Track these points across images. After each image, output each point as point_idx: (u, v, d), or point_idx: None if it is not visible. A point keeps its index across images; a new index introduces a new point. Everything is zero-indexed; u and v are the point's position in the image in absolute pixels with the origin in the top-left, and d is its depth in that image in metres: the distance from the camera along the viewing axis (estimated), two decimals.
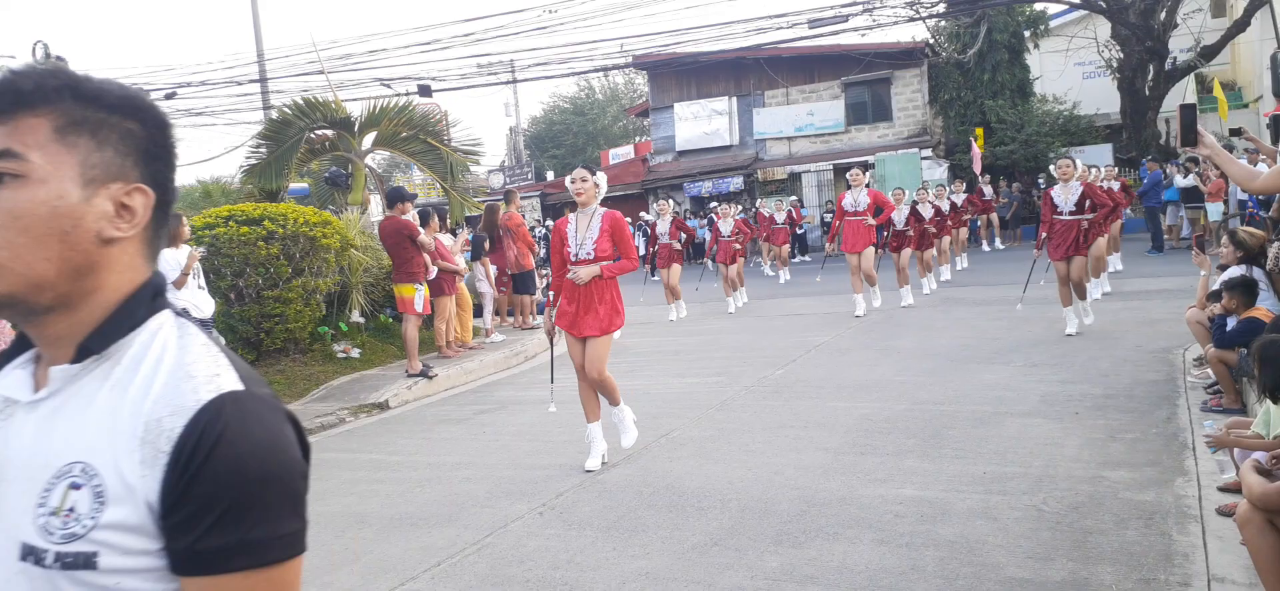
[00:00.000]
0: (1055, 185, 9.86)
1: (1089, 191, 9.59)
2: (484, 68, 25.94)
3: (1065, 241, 9.48)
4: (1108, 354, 8.59)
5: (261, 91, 21.83)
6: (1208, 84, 25.76)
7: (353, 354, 11.07)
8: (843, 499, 5.22)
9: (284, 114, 14.67)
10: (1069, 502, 4.89)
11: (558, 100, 49.29)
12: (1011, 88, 26.81)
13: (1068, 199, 9.59)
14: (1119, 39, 25.14)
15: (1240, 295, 6.31)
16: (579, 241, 6.25)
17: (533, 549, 4.94)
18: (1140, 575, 3.97)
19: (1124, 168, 24.48)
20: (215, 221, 10.27)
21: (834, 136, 29.87)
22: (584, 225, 6.24)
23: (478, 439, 7.74)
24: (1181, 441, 5.81)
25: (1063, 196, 9.64)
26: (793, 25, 23.48)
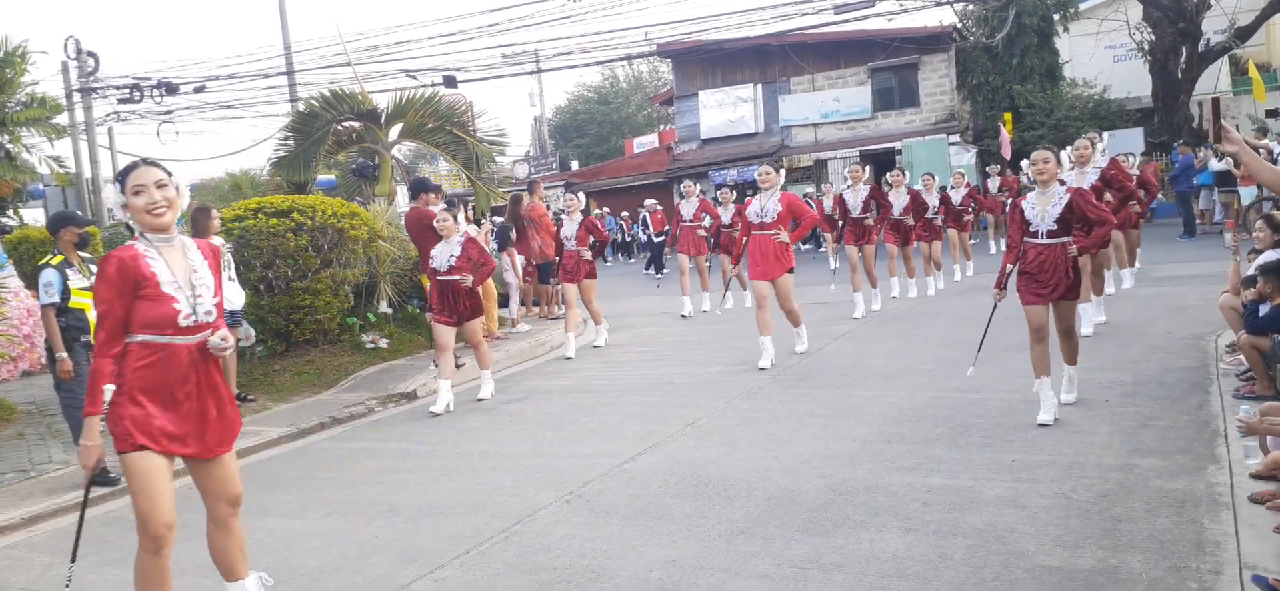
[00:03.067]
0: (1029, 193, 6.71)
1: (1077, 200, 6.40)
2: (508, 58, 25.96)
3: (1045, 278, 6.35)
4: (1138, 340, 8.49)
5: (289, 84, 22.02)
6: (1242, 66, 25.34)
7: (381, 344, 11.16)
8: (870, 487, 5.21)
9: (311, 106, 14.78)
10: (1099, 490, 4.85)
11: (582, 89, 49.32)
12: (1041, 72, 26.49)
13: (1046, 214, 6.41)
14: (1151, 21, 24.76)
15: (1275, 280, 6.21)
16: None
17: (560, 537, 4.97)
18: (1171, 563, 3.94)
19: (1156, 152, 24.16)
20: (244, 214, 10.38)
21: (860, 123, 29.67)
22: None
23: (504, 428, 7.78)
24: (1213, 428, 5.74)
25: (1039, 208, 6.45)
26: (818, 11, 23.30)
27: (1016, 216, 6.59)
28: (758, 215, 9.16)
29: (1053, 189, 6.43)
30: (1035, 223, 6.44)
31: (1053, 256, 6.32)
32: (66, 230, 7.09)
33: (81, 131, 22.31)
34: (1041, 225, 6.42)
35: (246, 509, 6.14)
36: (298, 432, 8.18)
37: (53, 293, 6.74)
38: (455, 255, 8.57)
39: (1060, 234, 6.37)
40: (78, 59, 22.17)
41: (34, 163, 18.74)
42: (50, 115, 18.07)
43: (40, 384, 10.52)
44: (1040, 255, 6.37)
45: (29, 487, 6.87)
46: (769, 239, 9.04)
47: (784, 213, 9.05)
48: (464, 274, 8.49)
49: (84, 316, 6.78)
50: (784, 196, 9.19)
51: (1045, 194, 6.44)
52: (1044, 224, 6.41)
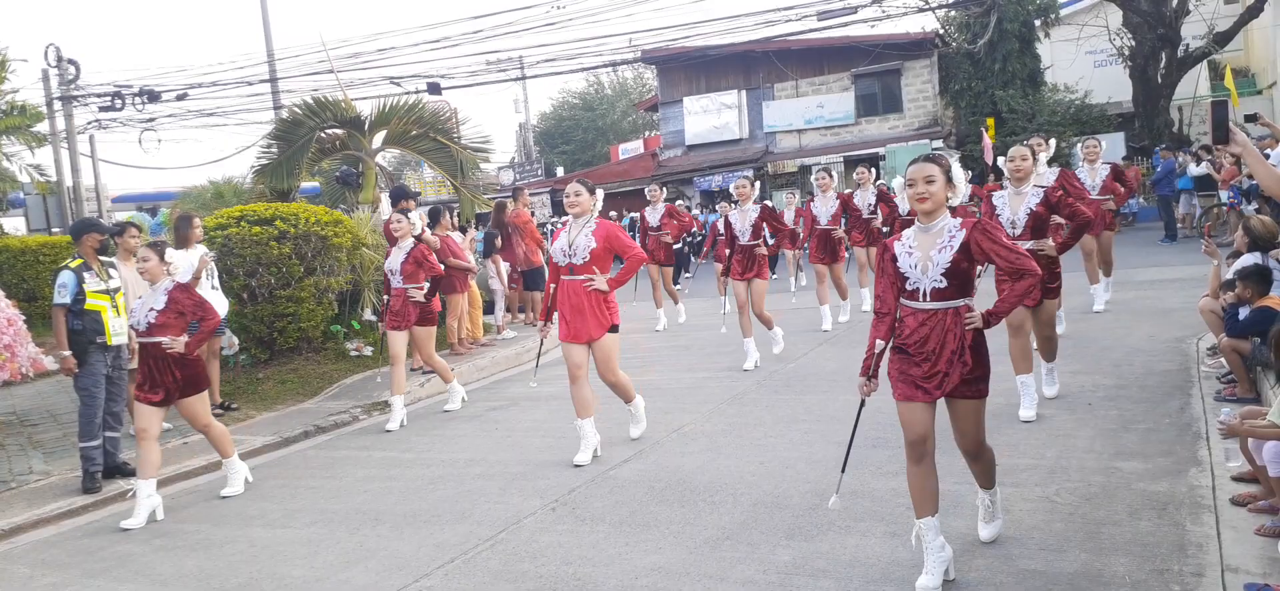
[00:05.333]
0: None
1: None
2: (493, 64, 25.98)
3: None
4: (1120, 344, 8.55)
5: (272, 91, 21.92)
6: (1220, 70, 25.58)
7: (365, 352, 11.11)
8: (855, 492, 5.22)
9: (294, 114, 14.73)
10: (1081, 494, 4.88)
11: (567, 96, 49.31)
12: (1022, 77, 26.67)
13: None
14: (1131, 26, 24.98)
15: (1254, 284, 6.27)
16: None
17: (545, 545, 4.96)
18: (1154, 566, 3.97)
19: (1137, 156, 24.35)
20: (227, 222, 10.33)
21: (844, 128, 29.78)
22: None
23: (490, 435, 7.76)
24: (1195, 431, 5.78)
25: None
26: (801, 17, 23.42)
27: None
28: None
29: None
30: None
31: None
32: (89, 235, 7.33)
33: (62, 139, 22.14)
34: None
35: (229, 518, 6.12)
36: (281, 441, 8.14)
37: (65, 294, 6.92)
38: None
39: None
40: (58, 67, 22.01)
41: (14, 171, 18.61)
42: (30, 123, 17.94)
43: (21, 393, 10.43)
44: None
45: (9, 498, 6.81)
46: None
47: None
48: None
49: (100, 319, 6.98)
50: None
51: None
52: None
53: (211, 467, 7.46)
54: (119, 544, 5.84)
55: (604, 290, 6.47)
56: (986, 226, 3.99)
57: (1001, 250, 3.99)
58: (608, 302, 6.53)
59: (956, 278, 4.00)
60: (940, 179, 4.03)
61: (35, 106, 18.81)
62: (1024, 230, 6.20)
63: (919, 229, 4.12)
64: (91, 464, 6.86)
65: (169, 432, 8.50)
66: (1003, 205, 6.36)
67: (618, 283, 6.50)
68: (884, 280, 4.19)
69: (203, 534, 5.83)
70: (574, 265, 6.51)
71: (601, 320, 6.51)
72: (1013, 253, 3.99)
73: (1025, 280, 3.99)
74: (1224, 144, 4.72)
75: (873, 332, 4.18)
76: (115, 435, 7.17)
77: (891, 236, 4.26)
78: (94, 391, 6.92)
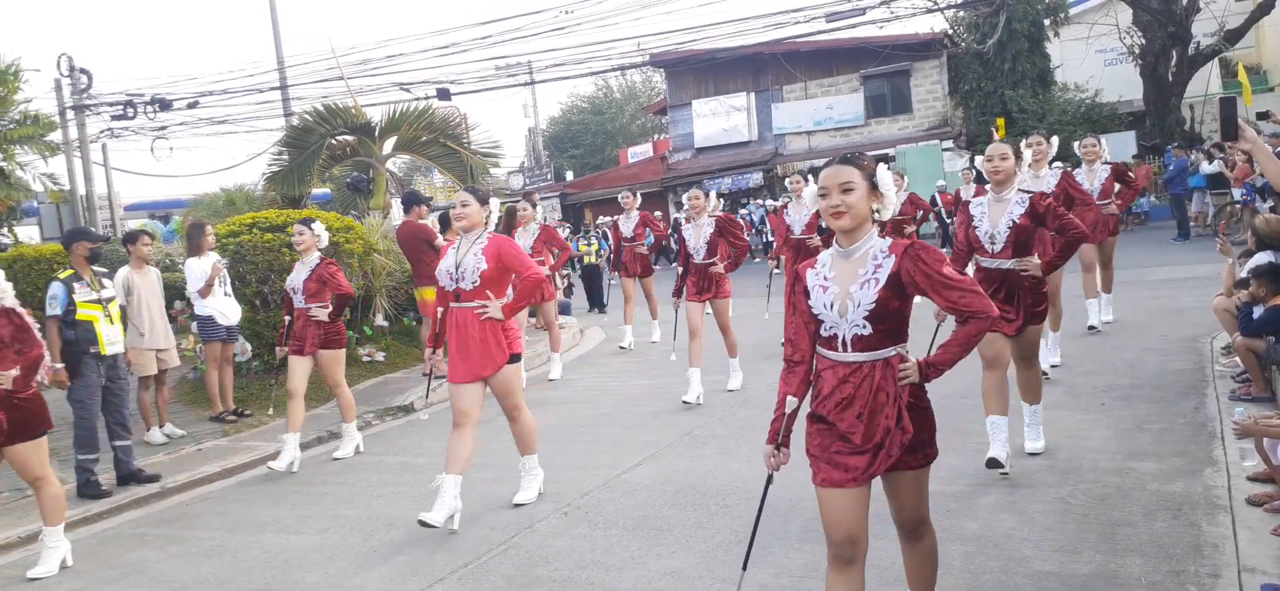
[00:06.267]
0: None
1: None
2: (502, 70, 26.00)
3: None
4: (1134, 343, 8.51)
5: (282, 99, 22.01)
6: (1232, 68, 25.45)
7: (377, 357, 11.15)
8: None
9: (305, 121, 14.80)
10: (1096, 495, 4.86)
11: (576, 100, 49.34)
12: (1032, 77, 26.58)
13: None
14: (1141, 24, 24.89)
15: (1268, 282, 6.23)
16: None
17: (558, 549, 4.96)
18: (1170, 567, 3.95)
19: (1149, 155, 24.24)
20: (239, 229, 10.38)
21: (854, 130, 29.74)
22: None
23: (501, 440, 7.74)
24: (1210, 431, 5.75)
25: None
26: (810, 19, 23.40)
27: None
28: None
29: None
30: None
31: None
32: (79, 244, 7.26)
33: (75, 149, 22.28)
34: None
35: (243, 524, 6.15)
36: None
37: (56, 305, 6.89)
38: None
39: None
40: (71, 76, 22.15)
41: (28, 180, 18.70)
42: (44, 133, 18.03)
43: None
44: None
45: (24, 506, 6.85)
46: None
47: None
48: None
49: (92, 329, 6.92)
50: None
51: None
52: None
53: (225, 474, 7.49)
54: (134, 550, 5.87)
55: (499, 318, 5.49)
56: (923, 251, 3.09)
57: (941, 282, 3.07)
58: (505, 331, 5.54)
59: (885, 320, 3.09)
60: (862, 186, 3.09)
61: (48, 116, 18.89)
62: (1005, 245, 5.27)
63: (837, 254, 3.19)
64: (88, 473, 6.87)
65: (182, 439, 8.55)
66: (981, 215, 5.39)
67: (514, 308, 5.56)
68: (795, 319, 3.27)
69: (217, 540, 5.86)
70: (462, 290, 5.50)
71: (494, 354, 5.49)
72: (956, 288, 3.09)
73: (973, 325, 3.12)
74: (1233, 140, 4.69)
75: (782, 387, 3.29)
76: (127, 443, 7.18)
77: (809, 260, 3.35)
78: (88, 402, 6.89)
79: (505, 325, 5.54)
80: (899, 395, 3.09)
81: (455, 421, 5.57)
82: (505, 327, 5.55)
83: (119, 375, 7.18)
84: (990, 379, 5.36)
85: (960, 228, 5.55)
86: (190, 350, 10.78)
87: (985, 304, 3.10)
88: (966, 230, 5.45)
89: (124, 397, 7.23)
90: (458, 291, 5.53)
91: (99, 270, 7.31)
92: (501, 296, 5.56)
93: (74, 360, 6.84)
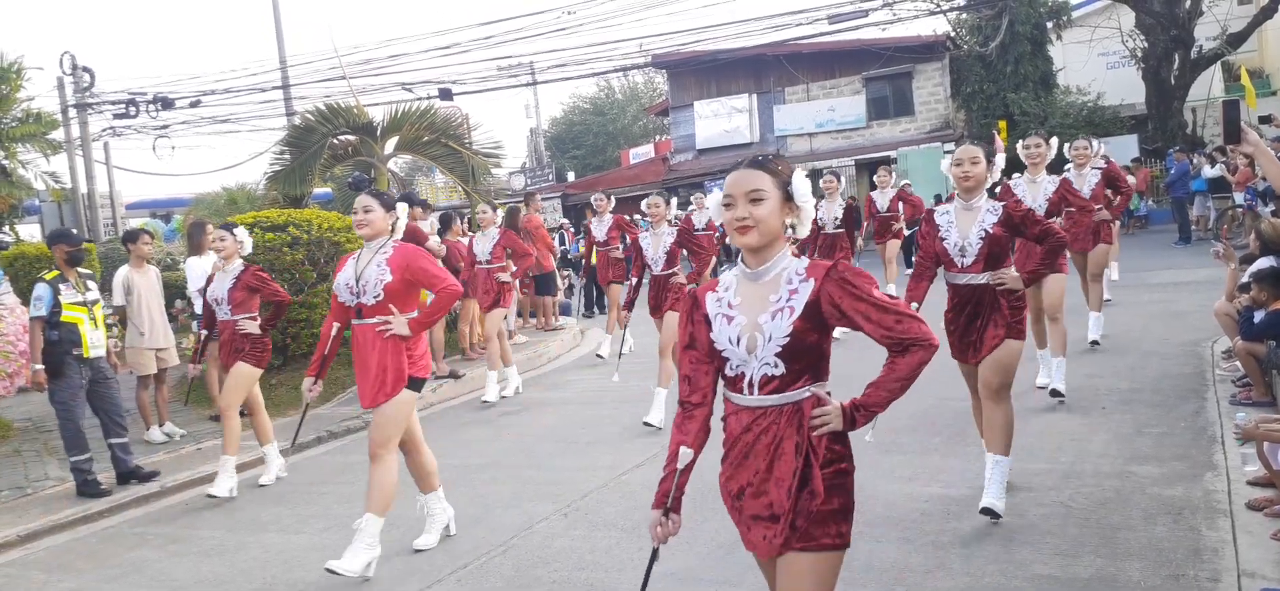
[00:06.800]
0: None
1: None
2: (504, 70, 26.02)
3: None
4: (1134, 347, 8.50)
5: (284, 98, 22.03)
6: (1234, 72, 25.45)
7: None
8: (868, 496, 5.19)
9: (307, 120, 14.83)
10: (1096, 498, 4.86)
11: (577, 101, 49.33)
12: (1034, 80, 26.56)
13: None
14: (1143, 28, 24.88)
15: (1270, 287, 6.22)
16: None
17: (558, 550, 4.96)
18: (1169, 571, 3.94)
19: (1150, 158, 24.23)
20: None
21: (856, 132, 29.73)
22: None
23: (501, 440, 7.78)
24: (1210, 435, 5.75)
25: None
26: (813, 21, 23.45)
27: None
28: None
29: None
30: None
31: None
32: (60, 246, 7.21)
33: (77, 147, 22.30)
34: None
35: (243, 524, 6.15)
36: (295, 447, 8.16)
37: (41, 306, 6.86)
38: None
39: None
40: (73, 74, 22.19)
41: (30, 178, 18.71)
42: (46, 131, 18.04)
43: (37, 400, 10.48)
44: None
45: (25, 504, 6.86)
46: None
47: None
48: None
49: (77, 330, 6.88)
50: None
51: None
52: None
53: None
54: (134, 549, 5.88)
55: (403, 335, 4.86)
56: (847, 273, 2.55)
57: (872, 308, 2.53)
58: (409, 352, 4.91)
59: (801, 356, 2.57)
60: (774, 195, 2.58)
61: (50, 114, 18.91)
62: (977, 258, 4.72)
63: (743, 276, 2.66)
64: (85, 474, 6.87)
65: (183, 438, 8.55)
66: (948, 225, 4.83)
67: (423, 324, 4.95)
68: (694, 354, 2.75)
69: (217, 539, 5.86)
70: (363, 305, 4.89)
71: (390, 378, 4.87)
72: (891, 312, 2.53)
73: (911, 356, 2.56)
74: (1236, 143, 4.69)
75: (675, 436, 2.76)
76: (124, 440, 7.17)
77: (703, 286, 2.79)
78: (71, 404, 6.87)
79: (410, 345, 4.90)
80: (809, 450, 2.54)
81: (372, 454, 5.00)
82: (410, 348, 4.91)
83: (104, 375, 7.15)
84: (977, 410, 5.03)
85: (924, 239, 4.96)
86: (189, 349, 10.78)
87: (925, 330, 2.54)
88: (932, 242, 4.88)
89: (114, 396, 7.20)
90: (359, 307, 4.92)
91: (84, 272, 7.30)
92: (406, 312, 4.93)
93: (56, 361, 6.82)
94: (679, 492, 2.70)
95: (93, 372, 7.03)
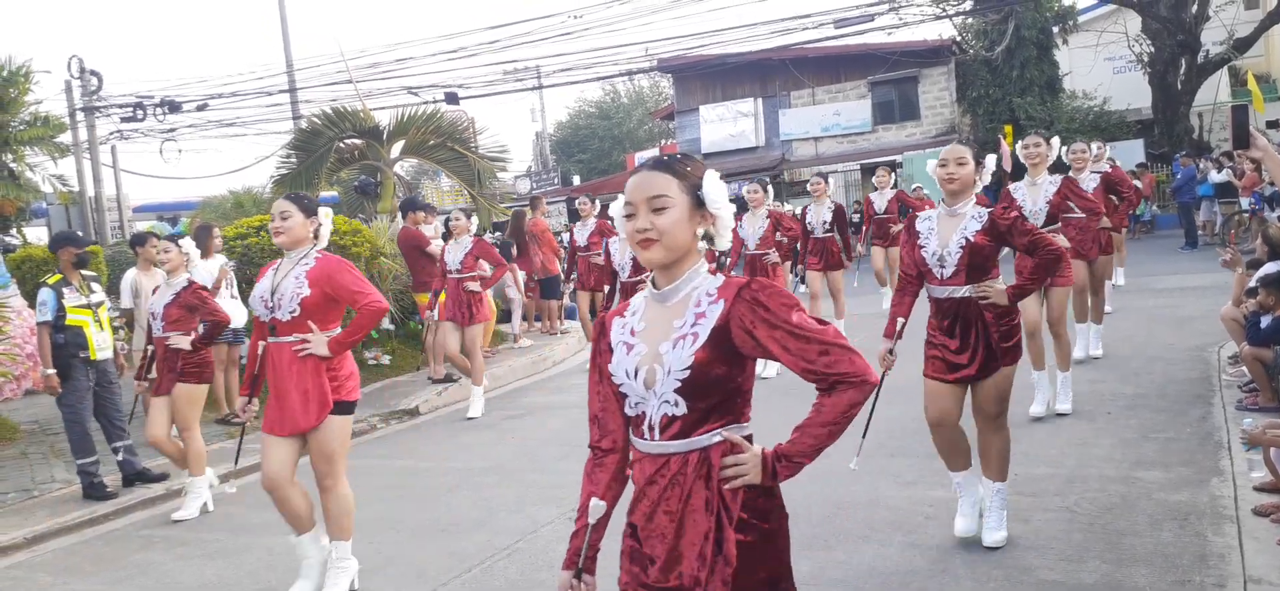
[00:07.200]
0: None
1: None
2: (510, 74, 26.07)
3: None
4: (1140, 352, 8.49)
5: (291, 102, 22.11)
6: (1241, 76, 25.39)
7: (383, 361, 11.18)
8: (871, 501, 5.20)
9: (313, 124, 14.87)
10: (1101, 504, 4.85)
11: (583, 105, 49.43)
12: (1040, 84, 26.53)
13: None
14: (1150, 33, 24.84)
15: (1276, 291, 6.21)
16: None
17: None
18: (1175, 577, 3.94)
19: (1156, 163, 24.19)
20: (247, 232, 10.43)
21: (861, 136, 29.73)
22: None
23: (506, 444, 7.78)
24: (1216, 440, 5.73)
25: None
26: (818, 26, 23.44)
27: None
28: None
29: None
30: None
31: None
32: (65, 250, 7.26)
33: (85, 150, 22.39)
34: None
35: (248, 527, 6.16)
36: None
37: (46, 311, 6.88)
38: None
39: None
40: (81, 78, 22.29)
41: (37, 181, 18.80)
42: (53, 134, 18.13)
43: (44, 402, 10.52)
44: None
45: (31, 507, 6.88)
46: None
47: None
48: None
49: (82, 334, 6.92)
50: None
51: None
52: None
53: (232, 476, 7.49)
54: (140, 551, 5.89)
55: (323, 355, 4.41)
56: (763, 293, 2.15)
57: (791, 335, 2.13)
58: (331, 374, 4.46)
59: (707, 393, 2.16)
60: (681, 202, 2.18)
61: (58, 117, 19.01)
62: (957, 268, 4.30)
63: (651, 298, 2.28)
64: (92, 476, 6.89)
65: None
66: (928, 232, 4.43)
67: (343, 343, 4.48)
68: (602, 390, 2.37)
69: (221, 542, 5.87)
70: (278, 321, 4.44)
71: (313, 402, 4.42)
72: (815, 341, 2.13)
73: (839, 396, 2.17)
74: (1244, 148, 4.68)
75: (585, 486, 2.45)
76: (127, 443, 7.19)
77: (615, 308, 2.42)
78: (78, 407, 6.89)
79: (331, 366, 4.45)
80: (725, 506, 2.16)
81: (266, 487, 4.55)
82: (332, 369, 4.46)
83: (109, 379, 7.17)
84: (938, 440, 4.48)
85: (904, 248, 4.56)
86: None
87: (857, 364, 2.14)
88: (912, 251, 4.45)
89: (116, 400, 7.22)
90: (272, 323, 4.48)
91: (88, 274, 7.33)
92: (332, 328, 4.50)
93: (63, 364, 6.84)
94: (592, 551, 2.40)
95: (98, 375, 7.05)
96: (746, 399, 2.25)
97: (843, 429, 2.20)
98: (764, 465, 2.17)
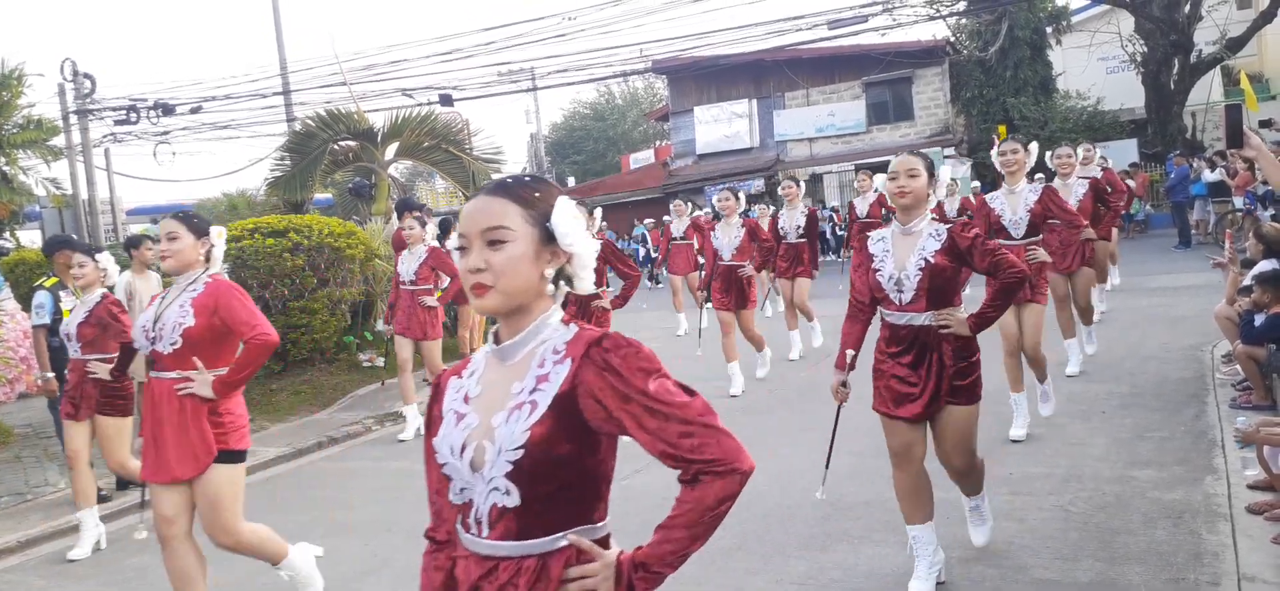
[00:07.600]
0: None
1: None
2: (505, 75, 26.04)
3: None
4: (1134, 352, 8.51)
5: (285, 104, 22.06)
6: (1234, 76, 25.47)
7: (378, 363, 11.16)
8: (868, 502, 5.21)
9: (308, 126, 14.86)
10: (1096, 503, 4.86)
11: (578, 106, 49.48)
12: (1034, 84, 26.61)
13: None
14: (1143, 33, 24.92)
15: (1271, 289, 6.23)
16: None
17: None
18: (1169, 575, 3.95)
19: (1150, 163, 24.26)
20: (241, 234, 10.40)
21: (855, 137, 29.78)
22: None
23: None
24: (1210, 439, 5.75)
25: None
26: (812, 27, 23.43)
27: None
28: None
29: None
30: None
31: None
32: (61, 253, 7.21)
33: (78, 153, 22.33)
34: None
35: None
36: (295, 453, 8.16)
37: (43, 314, 6.87)
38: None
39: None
40: (74, 81, 22.21)
41: (30, 184, 18.78)
42: (47, 137, 18.11)
43: (37, 406, 10.49)
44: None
45: (25, 511, 6.86)
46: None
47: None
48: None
49: None
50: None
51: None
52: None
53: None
54: (135, 555, 5.87)
55: (206, 397, 3.91)
56: (614, 353, 1.73)
57: (646, 414, 1.72)
58: (215, 417, 3.97)
59: (544, 480, 1.73)
60: (525, 233, 1.76)
61: (51, 120, 19.00)
62: (916, 293, 3.86)
63: (492, 354, 1.85)
64: None
65: None
66: (883, 254, 3.96)
67: (229, 383, 3.97)
68: (433, 474, 1.90)
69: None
70: (159, 353, 3.96)
71: (195, 448, 3.91)
72: (675, 417, 1.73)
73: (703, 488, 1.74)
74: (1238, 147, 4.71)
75: (423, 580, 2.02)
76: None
77: None
78: None
79: (217, 408, 3.97)
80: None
81: (159, 536, 4.05)
82: (216, 412, 3.97)
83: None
84: (899, 480, 4.00)
85: (856, 272, 4.10)
86: None
87: (728, 447, 1.73)
88: (865, 275, 3.99)
89: None
90: (153, 356, 3.99)
91: None
92: (220, 366, 3.98)
93: (59, 368, 6.78)
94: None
95: None
96: (602, 488, 1.80)
97: (710, 531, 1.73)
98: (618, 577, 1.73)
